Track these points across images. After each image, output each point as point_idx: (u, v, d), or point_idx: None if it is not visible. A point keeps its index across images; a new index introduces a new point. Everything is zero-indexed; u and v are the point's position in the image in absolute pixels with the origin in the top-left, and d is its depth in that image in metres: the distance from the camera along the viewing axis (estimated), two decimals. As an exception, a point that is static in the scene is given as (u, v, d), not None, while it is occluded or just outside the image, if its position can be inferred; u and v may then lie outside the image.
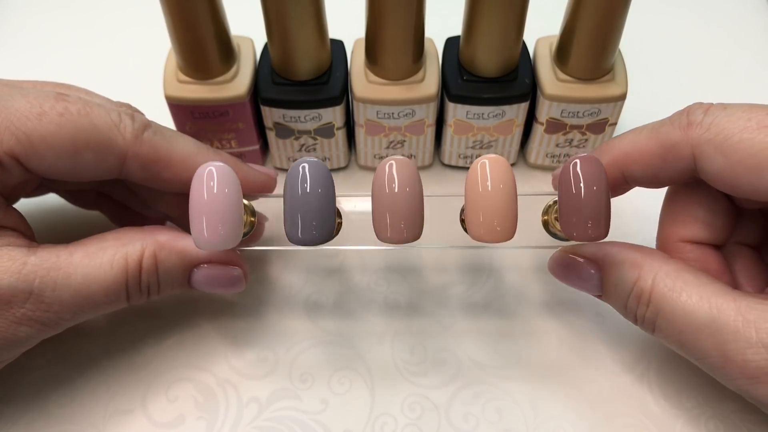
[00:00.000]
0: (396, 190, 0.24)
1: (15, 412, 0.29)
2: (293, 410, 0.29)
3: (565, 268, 0.28)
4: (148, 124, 0.27)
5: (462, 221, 0.27)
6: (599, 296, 0.28)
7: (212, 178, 0.24)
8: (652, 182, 0.27)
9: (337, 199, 0.26)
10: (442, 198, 0.28)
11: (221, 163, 0.25)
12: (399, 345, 0.31)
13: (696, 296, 0.24)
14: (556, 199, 0.27)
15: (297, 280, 0.33)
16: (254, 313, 0.32)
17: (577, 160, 0.25)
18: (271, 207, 0.32)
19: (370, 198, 0.25)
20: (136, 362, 0.30)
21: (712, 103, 0.25)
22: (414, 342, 0.31)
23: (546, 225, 0.29)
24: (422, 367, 0.30)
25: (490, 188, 0.24)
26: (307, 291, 0.33)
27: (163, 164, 0.27)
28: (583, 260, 0.27)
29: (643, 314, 0.26)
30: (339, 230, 0.27)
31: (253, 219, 0.29)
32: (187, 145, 0.27)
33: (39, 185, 0.30)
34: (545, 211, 0.29)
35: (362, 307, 0.32)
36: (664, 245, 0.28)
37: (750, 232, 0.29)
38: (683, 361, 0.30)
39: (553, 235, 0.28)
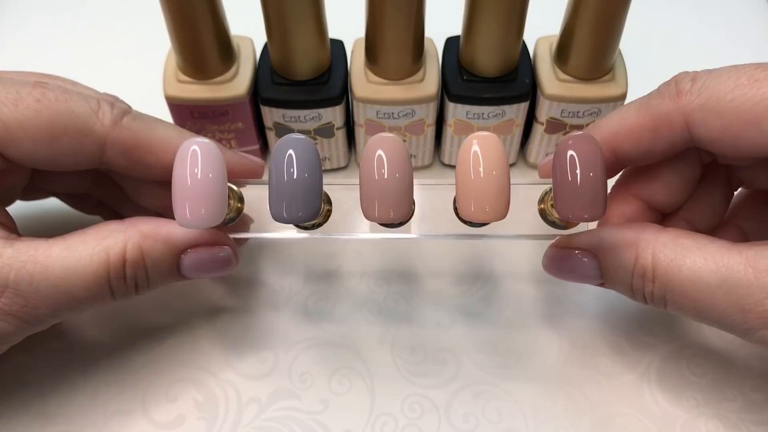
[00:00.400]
0: (384, 172, 0.23)
1: (15, 412, 0.29)
2: (293, 410, 0.29)
3: (560, 263, 0.27)
4: (127, 110, 0.27)
5: (455, 208, 0.26)
6: (602, 285, 0.27)
7: (195, 154, 0.24)
8: (645, 158, 0.26)
9: (327, 187, 0.25)
10: (438, 191, 0.27)
11: (206, 140, 0.24)
12: (399, 345, 0.31)
13: (700, 259, 0.23)
14: (552, 186, 0.26)
15: (297, 280, 0.33)
16: (254, 313, 0.32)
17: (571, 140, 0.24)
18: (260, 195, 0.32)
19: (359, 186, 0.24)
20: (136, 362, 0.30)
21: (698, 71, 0.25)
22: (414, 342, 0.31)
23: (543, 213, 0.28)
24: (422, 367, 0.30)
25: (482, 174, 0.23)
26: (307, 291, 0.33)
27: (144, 149, 0.26)
28: (577, 251, 0.26)
29: (651, 292, 0.25)
30: (328, 217, 0.27)
31: (240, 206, 0.28)
32: (168, 131, 0.27)
33: (36, 188, 0.30)
34: (541, 200, 0.28)
35: (362, 307, 0.32)
36: (618, 193, 0.28)
37: (699, 211, 0.29)
38: (683, 361, 0.30)
39: (551, 224, 0.28)
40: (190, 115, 0.33)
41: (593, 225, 0.28)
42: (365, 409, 0.29)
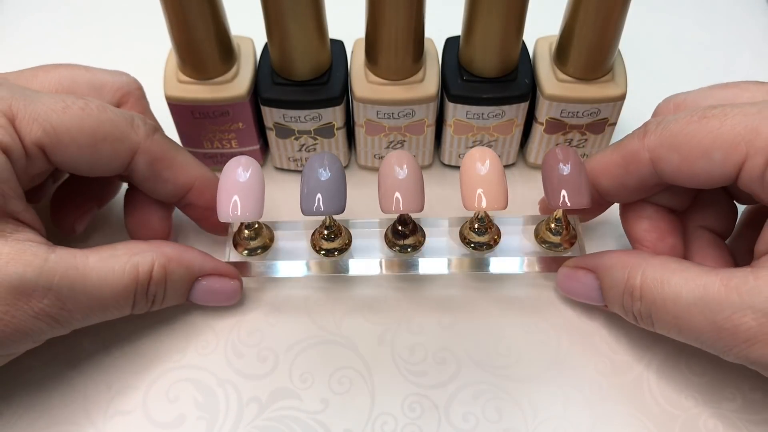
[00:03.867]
0: (400, 169, 0.27)
1: (15, 412, 0.29)
2: (293, 410, 0.29)
3: (567, 282, 0.30)
4: (158, 127, 0.30)
5: (461, 235, 0.31)
6: (606, 307, 0.30)
7: (239, 162, 0.28)
8: (620, 191, 0.29)
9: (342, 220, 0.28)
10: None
11: (248, 156, 0.29)
12: (399, 345, 0.31)
13: (682, 280, 0.25)
14: (546, 217, 0.31)
15: (297, 280, 0.33)
16: (254, 312, 0.32)
17: (555, 148, 0.29)
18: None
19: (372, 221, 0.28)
20: (136, 362, 0.30)
21: (666, 116, 0.27)
22: (414, 342, 0.31)
23: (540, 240, 0.31)
24: (422, 367, 0.30)
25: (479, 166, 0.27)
26: (307, 291, 0.33)
27: (167, 164, 0.29)
28: (581, 271, 0.30)
29: (638, 310, 0.27)
30: (350, 244, 0.31)
31: (269, 242, 0.31)
32: (188, 157, 0.30)
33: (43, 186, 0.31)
34: (537, 230, 0.31)
35: (362, 306, 0.32)
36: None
37: (711, 216, 0.30)
38: (683, 361, 0.30)
39: (548, 247, 0.31)
40: (190, 115, 0.33)
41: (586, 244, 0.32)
42: (365, 409, 0.29)
